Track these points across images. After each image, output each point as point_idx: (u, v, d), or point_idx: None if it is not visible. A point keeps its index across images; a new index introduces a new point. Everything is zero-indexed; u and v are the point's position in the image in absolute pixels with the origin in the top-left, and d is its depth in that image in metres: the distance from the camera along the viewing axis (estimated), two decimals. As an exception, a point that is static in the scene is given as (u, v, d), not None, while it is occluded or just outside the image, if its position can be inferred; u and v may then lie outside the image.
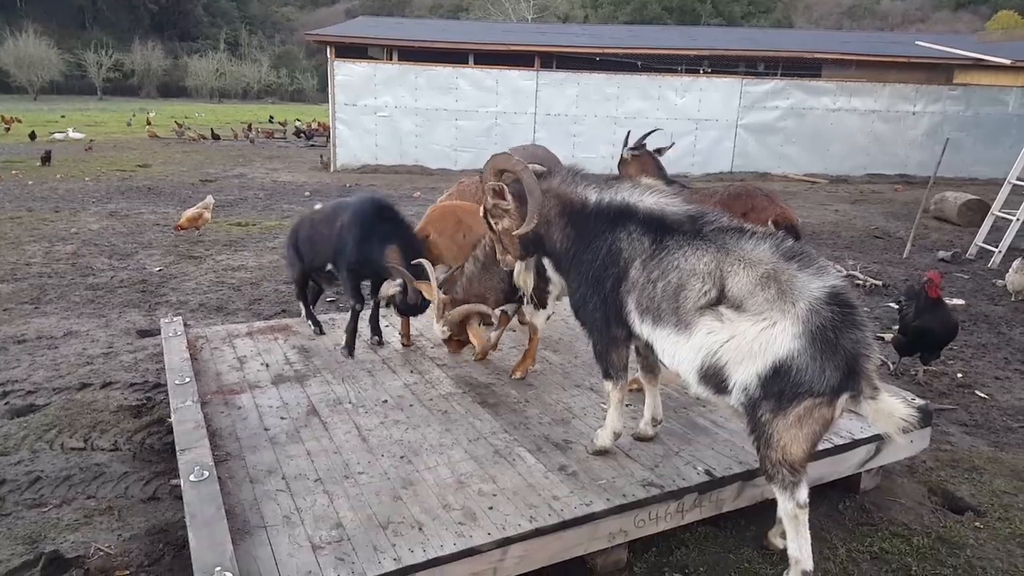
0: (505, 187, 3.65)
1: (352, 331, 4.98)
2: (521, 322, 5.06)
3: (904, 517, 3.88)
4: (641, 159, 5.92)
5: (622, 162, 6.10)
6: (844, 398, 2.82)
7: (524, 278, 4.02)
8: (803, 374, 2.75)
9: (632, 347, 3.58)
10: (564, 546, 3.10)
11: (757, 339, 2.82)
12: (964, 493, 4.16)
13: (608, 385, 3.61)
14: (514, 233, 3.63)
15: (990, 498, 4.12)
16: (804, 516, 3.00)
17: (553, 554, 3.08)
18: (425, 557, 2.80)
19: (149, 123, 32.62)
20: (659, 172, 5.80)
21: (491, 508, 3.15)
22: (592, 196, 3.47)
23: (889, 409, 2.79)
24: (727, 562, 3.44)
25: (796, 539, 3.06)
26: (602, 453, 3.66)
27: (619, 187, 3.48)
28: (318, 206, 5.11)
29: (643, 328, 3.23)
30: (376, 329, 5.20)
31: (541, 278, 4.03)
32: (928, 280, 5.69)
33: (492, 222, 3.79)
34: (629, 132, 6.13)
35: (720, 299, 2.94)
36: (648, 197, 3.38)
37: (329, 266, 5.02)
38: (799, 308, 2.78)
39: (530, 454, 3.64)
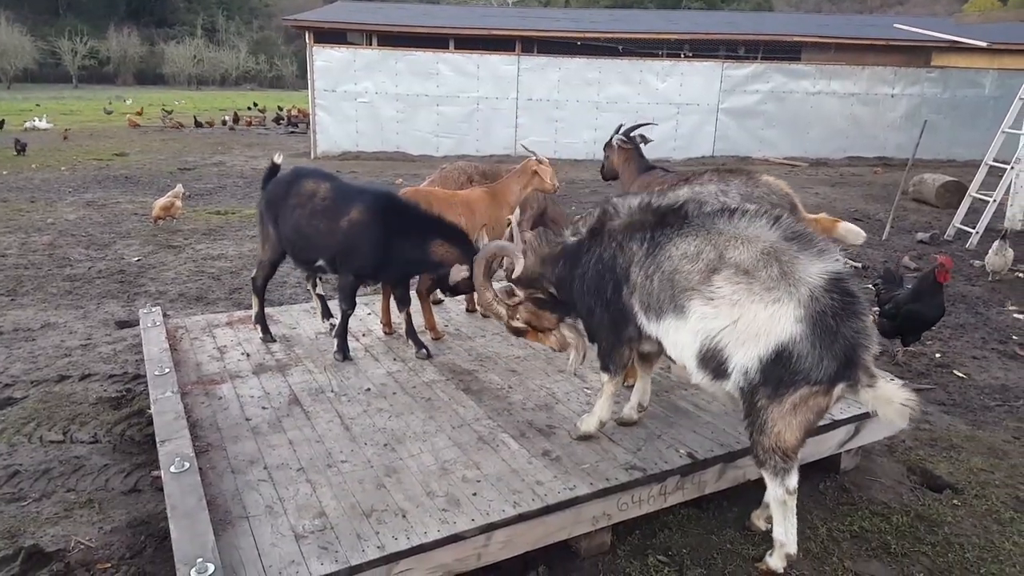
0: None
1: (344, 334, 4.70)
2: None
3: (884, 496, 3.92)
4: (626, 149, 5.96)
5: (607, 146, 6.16)
6: (840, 387, 2.80)
7: (571, 341, 3.90)
8: (802, 361, 2.73)
9: (635, 350, 3.57)
10: (548, 530, 3.11)
11: (763, 320, 2.78)
12: (942, 471, 4.22)
13: (605, 377, 3.61)
14: (514, 275, 3.68)
15: (967, 476, 4.18)
16: (792, 502, 3.03)
17: (537, 538, 3.10)
18: (409, 544, 2.80)
19: (140, 112, 31.75)
20: (640, 161, 5.90)
21: (475, 494, 3.15)
22: (568, 235, 3.61)
23: (888, 395, 2.77)
24: (710, 543, 3.47)
25: (783, 523, 3.09)
26: (586, 439, 3.67)
27: (588, 216, 3.57)
28: (306, 181, 4.60)
29: (651, 326, 3.22)
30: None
31: None
32: (940, 264, 5.50)
33: (526, 323, 3.83)
34: (622, 125, 6.16)
35: (715, 277, 2.90)
36: (625, 203, 3.43)
37: (321, 262, 4.64)
38: (802, 292, 2.75)
39: (513, 440, 3.65)
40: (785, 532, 3.10)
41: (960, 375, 5.71)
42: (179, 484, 2.99)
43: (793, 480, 2.97)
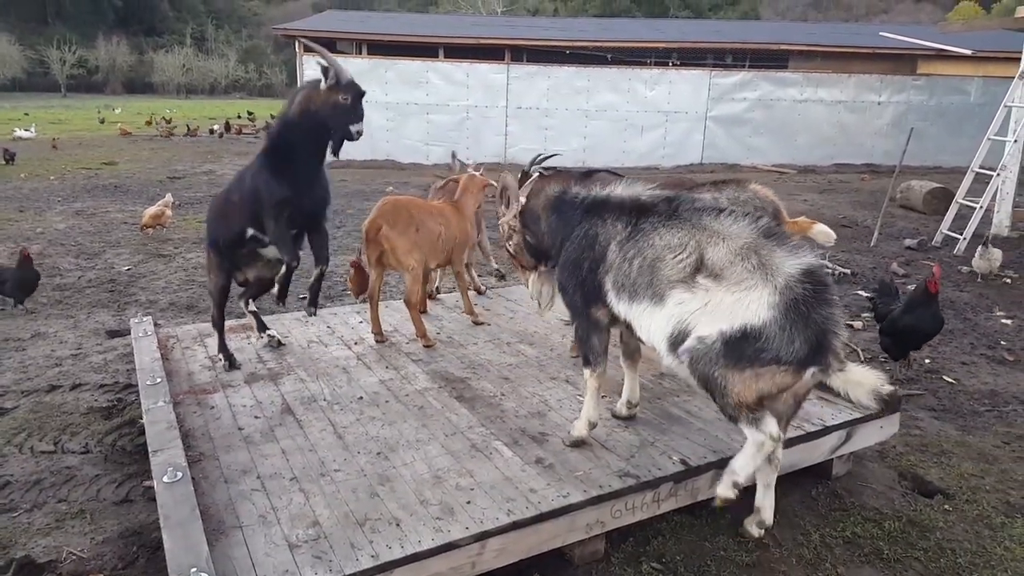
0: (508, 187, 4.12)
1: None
2: None
3: (875, 502, 3.94)
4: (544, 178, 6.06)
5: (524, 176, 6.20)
6: (811, 372, 2.90)
7: (535, 289, 4.31)
8: (770, 342, 2.85)
9: (610, 333, 3.68)
10: (542, 538, 3.11)
11: (733, 304, 2.92)
12: (933, 477, 4.24)
13: (587, 372, 3.66)
14: (500, 220, 4.04)
15: (958, 481, 4.20)
16: (771, 447, 3.05)
17: (531, 546, 3.10)
18: (403, 553, 2.80)
19: (149, 122, 31.24)
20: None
21: (468, 502, 3.15)
22: (573, 191, 3.75)
23: (858, 378, 2.91)
24: (703, 550, 3.48)
25: (747, 460, 3.12)
26: (579, 444, 3.68)
27: (594, 182, 3.74)
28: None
29: (620, 307, 3.33)
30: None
31: None
32: (931, 274, 5.48)
33: (507, 242, 4.27)
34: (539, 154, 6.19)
35: (698, 269, 3.04)
36: (622, 188, 3.56)
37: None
38: (778, 281, 2.88)
39: (507, 447, 3.65)
40: (744, 467, 3.12)
41: (949, 380, 5.75)
42: (172, 494, 2.98)
43: (771, 426, 3.02)
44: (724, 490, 3.17)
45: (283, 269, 4.41)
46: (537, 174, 4.21)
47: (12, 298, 7.02)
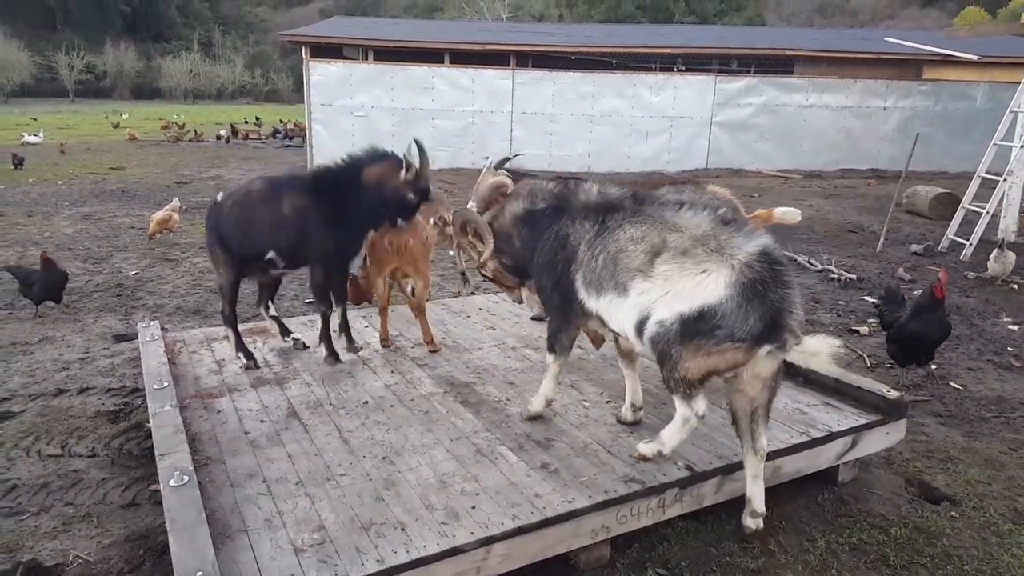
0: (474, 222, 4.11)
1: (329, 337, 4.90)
2: None
3: (882, 508, 3.93)
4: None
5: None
6: (766, 349, 3.03)
7: (531, 301, 4.54)
8: (726, 319, 2.99)
9: (579, 331, 3.94)
10: (547, 544, 3.11)
11: (693, 288, 3.08)
12: (940, 483, 4.23)
13: (550, 358, 3.94)
14: (483, 258, 4.09)
15: (965, 488, 4.19)
16: (695, 423, 3.30)
17: (536, 552, 3.10)
18: (408, 558, 2.80)
19: (166, 127, 31.08)
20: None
21: (474, 507, 3.15)
22: (540, 204, 3.87)
23: (814, 348, 2.99)
24: (709, 556, 3.47)
25: (675, 432, 3.39)
26: (536, 418, 3.98)
27: (559, 186, 3.90)
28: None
29: (591, 302, 3.50)
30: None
31: None
32: (937, 280, 5.49)
33: (482, 270, 4.37)
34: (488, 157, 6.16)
35: (660, 258, 3.20)
36: (588, 189, 3.76)
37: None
38: (735, 261, 3.01)
39: (512, 452, 3.65)
40: (670, 437, 3.42)
41: (956, 387, 5.73)
42: (178, 498, 2.98)
43: (700, 406, 3.27)
44: (646, 449, 3.54)
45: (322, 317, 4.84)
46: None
47: (37, 302, 7.03)
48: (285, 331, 5.18)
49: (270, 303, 5.20)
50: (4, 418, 4.84)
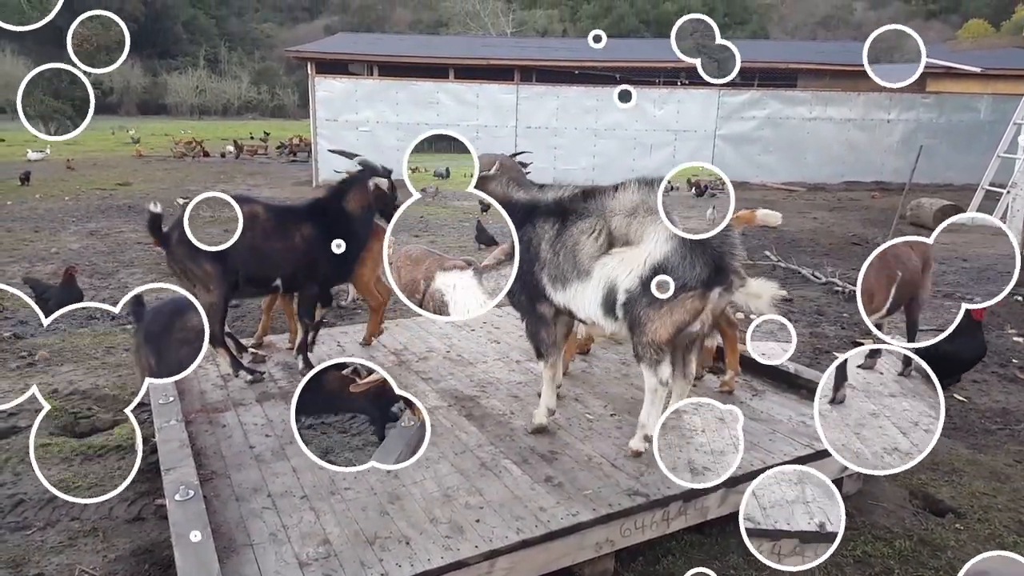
0: None
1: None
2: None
3: (886, 520, 3.93)
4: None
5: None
6: (716, 292, 3.30)
7: None
8: (676, 272, 3.23)
9: (557, 327, 4.02)
10: (551, 557, 3.12)
11: (641, 253, 3.33)
12: (944, 495, 4.22)
13: (540, 364, 4.03)
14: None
15: (970, 500, 4.18)
16: (663, 393, 3.53)
17: (540, 565, 3.10)
18: (412, 571, 2.81)
19: (190, 143, 30.92)
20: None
21: (478, 521, 3.16)
22: (516, 195, 3.96)
23: (758, 290, 3.23)
24: (713, 569, 3.46)
25: (650, 410, 3.55)
26: (540, 431, 3.99)
27: (530, 189, 3.99)
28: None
29: (558, 296, 3.70)
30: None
31: None
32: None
33: None
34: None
35: (609, 243, 3.44)
36: (551, 193, 3.88)
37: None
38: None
39: (516, 466, 3.66)
40: (648, 416, 3.60)
41: (961, 399, 5.73)
42: (184, 512, 3.00)
43: (665, 372, 3.47)
44: (635, 443, 3.69)
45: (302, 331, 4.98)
46: None
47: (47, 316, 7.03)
48: (240, 348, 5.12)
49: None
50: (10, 433, 4.87)
